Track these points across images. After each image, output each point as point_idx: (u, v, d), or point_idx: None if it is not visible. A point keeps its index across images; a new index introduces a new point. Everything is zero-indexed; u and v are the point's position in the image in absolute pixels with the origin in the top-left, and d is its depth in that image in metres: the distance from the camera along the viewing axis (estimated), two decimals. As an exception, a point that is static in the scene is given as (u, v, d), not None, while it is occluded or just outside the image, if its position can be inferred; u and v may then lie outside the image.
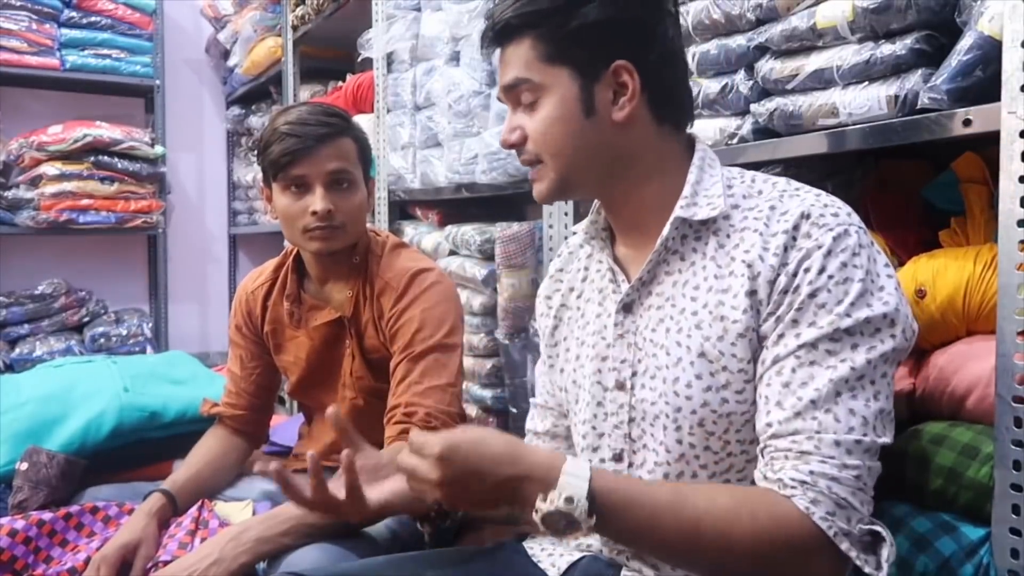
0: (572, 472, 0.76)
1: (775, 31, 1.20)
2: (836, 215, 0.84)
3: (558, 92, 0.91)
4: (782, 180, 0.92)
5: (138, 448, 1.63)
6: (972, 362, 0.98)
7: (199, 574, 1.10)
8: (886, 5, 1.04)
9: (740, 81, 1.29)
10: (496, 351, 1.99)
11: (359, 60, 2.59)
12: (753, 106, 1.27)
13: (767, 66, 1.23)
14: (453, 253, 2.16)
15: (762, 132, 1.27)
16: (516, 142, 0.95)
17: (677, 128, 0.95)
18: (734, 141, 1.31)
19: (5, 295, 3.51)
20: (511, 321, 1.87)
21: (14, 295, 3.51)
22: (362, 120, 2.40)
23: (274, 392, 1.58)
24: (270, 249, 3.47)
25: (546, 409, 1.12)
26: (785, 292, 0.83)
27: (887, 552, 0.79)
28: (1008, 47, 0.89)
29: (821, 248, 0.82)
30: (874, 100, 1.07)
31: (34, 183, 3.39)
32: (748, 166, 1.17)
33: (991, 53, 0.93)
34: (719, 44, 1.32)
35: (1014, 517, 0.88)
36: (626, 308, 0.96)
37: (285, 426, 2.03)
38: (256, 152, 1.39)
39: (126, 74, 3.67)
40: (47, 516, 1.26)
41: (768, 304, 0.84)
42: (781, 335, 0.83)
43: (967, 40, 0.96)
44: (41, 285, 3.55)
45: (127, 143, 3.50)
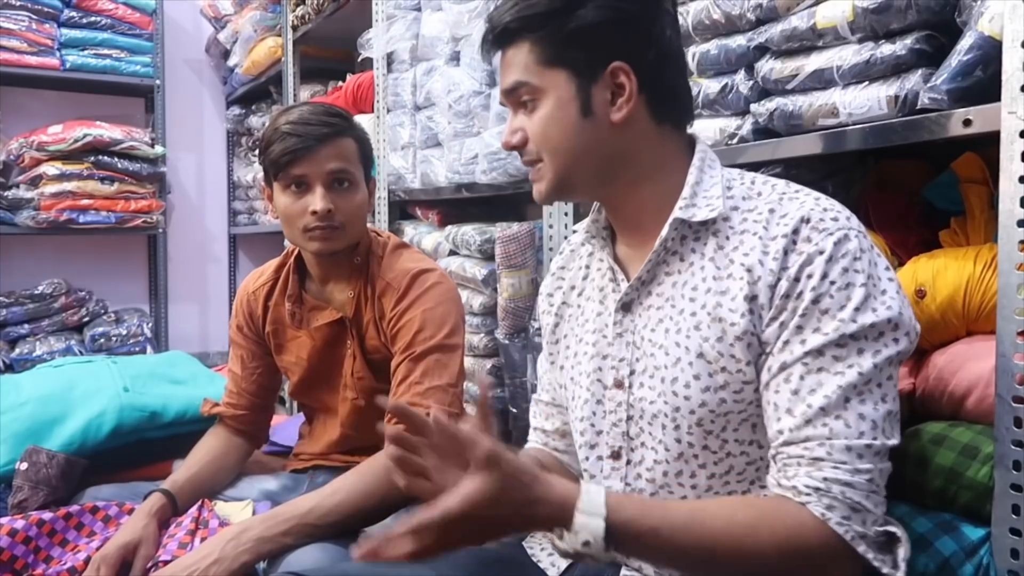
0: (587, 510, 0.76)
1: (775, 31, 1.20)
2: (836, 219, 0.84)
3: (556, 94, 0.91)
4: (781, 182, 0.92)
5: (138, 448, 1.63)
6: (972, 362, 0.98)
7: (199, 574, 1.09)
8: (886, 5, 1.04)
9: (740, 81, 1.29)
10: (496, 351, 1.99)
11: (359, 60, 2.59)
12: (753, 106, 1.27)
13: (767, 66, 1.23)
14: (453, 253, 2.16)
15: (762, 132, 1.27)
16: (517, 144, 0.95)
17: (677, 128, 0.95)
18: (734, 141, 1.31)
19: (5, 295, 3.50)
20: (511, 321, 1.87)
21: (14, 295, 3.51)
22: (362, 120, 2.40)
23: (275, 392, 1.58)
24: (270, 249, 3.47)
25: (553, 406, 1.12)
26: (787, 297, 0.83)
27: (903, 551, 0.80)
28: (1008, 47, 0.89)
29: (823, 253, 0.82)
30: (874, 100, 1.07)
31: (34, 183, 3.39)
32: (748, 166, 1.18)
33: (991, 53, 0.93)
34: (719, 44, 1.32)
35: (1014, 517, 0.88)
36: (625, 307, 0.96)
37: (285, 426, 2.03)
38: (257, 151, 1.40)
39: (126, 74, 3.67)
40: (47, 516, 1.26)
41: (770, 309, 0.84)
42: (786, 342, 0.83)
43: (967, 40, 0.96)
44: (41, 285, 3.55)
45: (127, 143, 3.50)
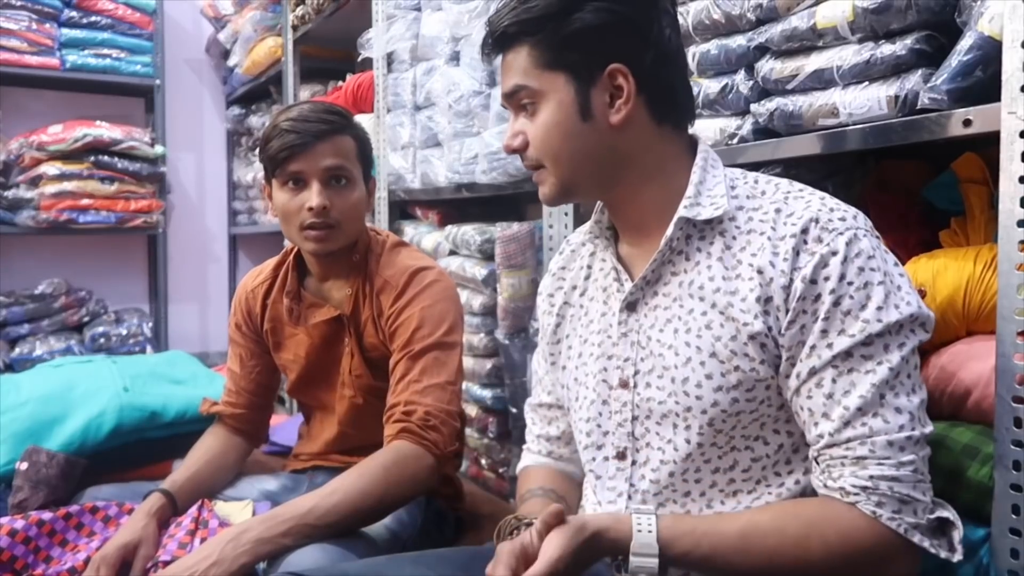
0: (640, 551, 0.80)
1: (775, 31, 1.20)
2: (843, 219, 0.85)
3: (555, 97, 0.91)
4: (784, 181, 0.93)
5: (138, 448, 1.63)
6: (972, 362, 0.98)
7: (199, 575, 1.09)
8: (886, 5, 1.04)
9: (740, 81, 1.29)
10: (496, 351, 1.99)
11: (359, 60, 2.59)
12: (753, 106, 1.26)
13: (767, 66, 1.22)
14: (453, 253, 2.16)
15: (762, 132, 1.27)
16: (519, 147, 0.96)
17: (677, 128, 0.95)
18: (734, 141, 1.31)
19: (5, 295, 3.50)
20: (511, 321, 1.87)
21: (14, 295, 3.51)
22: (362, 120, 2.40)
23: (274, 391, 1.58)
24: (270, 249, 3.46)
25: (556, 408, 1.12)
26: (804, 299, 0.83)
27: (957, 534, 0.81)
28: (1008, 47, 0.89)
29: (836, 254, 0.83)
30: (874, 100, 1.07)
31: (34, 183, 3.39)
32: (748, 166, 1.18)
33: (991, 53, 0.93)
34: (719, 44, 1.32)
35: (1014, 517, 0.88)
36: (630, 307, 0.96)
37: (285, 426, 2.03)
38: (258, 150, 1.40)
39: (126, 74, 3.67)
40: (47, 516, 1.26)
41: (787, 312, 0.84)
42: (813, 346, 0.83)
43: (967, 40, 0.96)
44: (41, 285, 3.55)
45: (127, 143, 3.50)
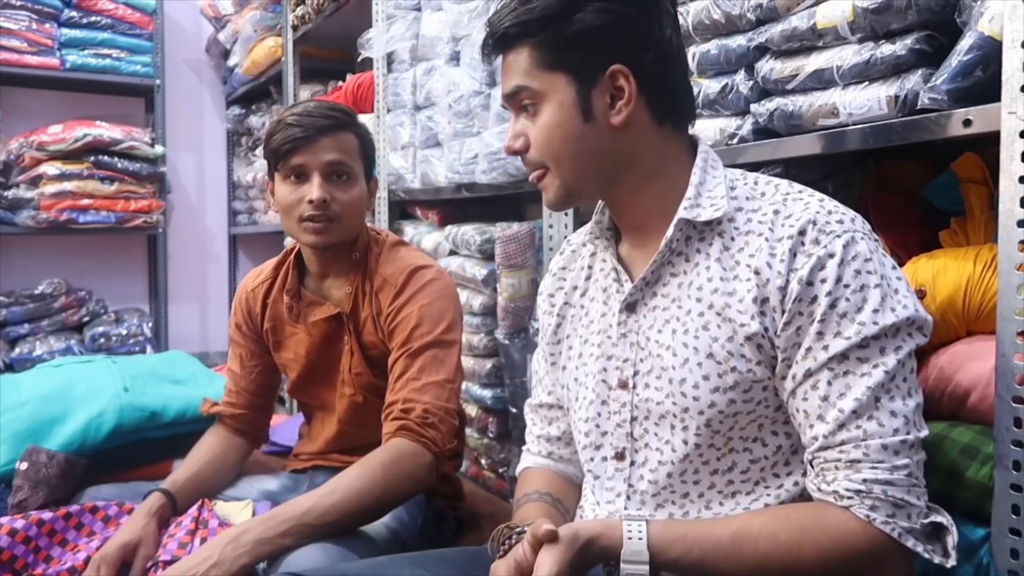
0: (631, 558, 0.80)
1: (775, 31, 1.20)
2: (841, 221, 0.85)
3: (557, 98, 0.91)
4: (784, 182, 0.92)
5: (138, 448, 1.63)
6: (972, 362, 0.98)
7: None
8: (886, 5, 1.04)
9: (740, 81, 1.29)
10: (496, 351, 1.99)
11: (359, 60, 2.59)
12: (753, 106, 1.26)
13: (767, 66, 1.22)
14: (453, 253, 2.16)
15: (762, 132, 1.27)
16: (520, 149, 0.96)
17: (678, 129, 0.95)
18: (734, 141, 1.31)
19: (5, 295, 3.50)
20: (511, 321, 1.87)
21: (14, 295, 3.51)
22: (362, 120, 2.39)
23: (274, 391, 1.58)
24: (270, 249, 3.46)
25: (556, 408, 1.12)
26: (800, 301, 0.83)
27: (952, 539, 0.81)
28: (1008, 47, 0.89)
29: (833, 257, 0.82)
30: (874, 100, 1.07)
31: (34, 183, 3.39)
32: (748, 166, 1.18)
33: (991, 53, 0.93)
34: (719, 44, 1.32)
35: (1014, 517, 0.88)
36: (629, 308, 0.96)
37: (285, 426, 2.03)
38: (261, 146, 1.41)
39: (126, 74, 3.67)
40: (47, 515, 1.26)
41: (782, 313, 0.84)
42: (809, 348, 0.83)
43: (967, 40, 0.96)
44: (41, 285, 3.54)
45: (127, 143, 3.50)
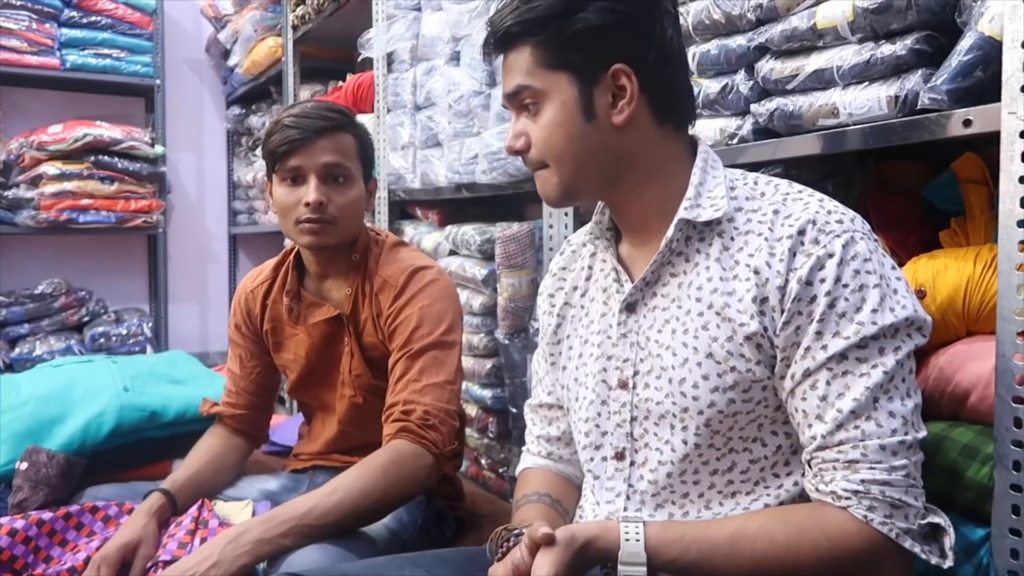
0: (628, 560, 0.80)
1: (775, 31, 1.20)
2: (840, 222, 0.85)
3: (558, 97, 0.91)
4: (784, 182, 0.92)
5: (138, 448, 1.63)
6: (972, 362, 0.98)
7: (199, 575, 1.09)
8: (886, 5, 1.04)
9: (740, 81, 1.29)
10: (496, 351, 1.99)
11: (359, 60, 2.59)
12: (753, 106, 1.26)
13: (767, 66, 1.22)
14: (453, 253, 2.16)
15: (762, 132, 1.27)
16: (521, 148, 0.95)
17: (678, 129, 0.95)
18: (734, 141, 1.31)
19: (5, 295, 3.50)
20: (511, 321, 1.87)
21: (14, 295, 3.51)
22: (362, 120, 2.39)
23: (274, 391, 1.58)
24: (270, 249, 3.47)
25: (556, 408, 1.12)
26: (799, 301, 0.83)
27: (949, 540, 0.81)
28: (1008, 47, 0.89)
29: (833, 256, 0.82)
30: (874, 100, 1.07)
31: (34, 183, 3.39)
32: (748, 166, 1.18)
33: (991, 53, 0.93)
34: (719, 44, 1.32)
35: (1014, 517, 0.88)
36: (629, 308, 0.96)
37: (285, 426, 2.03)
38: (260, 147, 1.41)
39: (126, 74, 3.67)
40: (47, 516, 1.26)
41: (782, 312, 0.84)
42: (808, 348, 0.83)
43: (967, 40, 0.96)
44: (41, 285, 3.54)
45: (127, 143, 3.50)
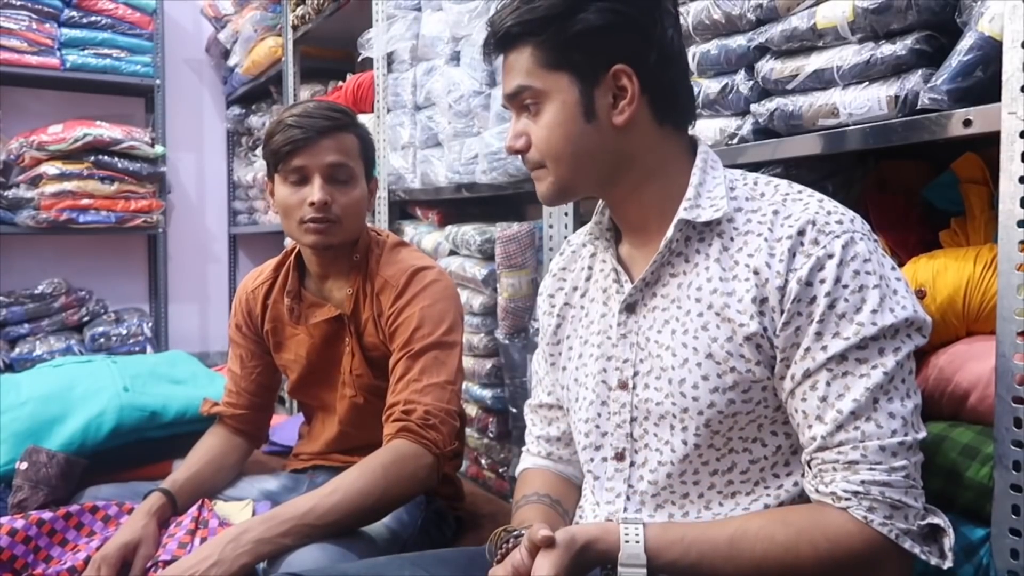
0: (628, 562, 0.80)
1: (775, 31, 1.20)
2: (840, 222, 0.85)
3: (559, 98, 0.91)
4: (783, 183, 0.92)
5: (138, 448, 1.63)
6: (972, 362, 0.98)
7: (199, 575, 1.09)
8: (886, 5, 1.04)
9: (740, 81, 1.29)
10: (496, 351, 1.99)
11: (359, 60, 2.59)
12: (753, 106, 1.26)
13: (767, 66, 1.22)
14: (453, 253, 2.16)
15: (762, 132, 1.27)
16: (521, 148, 0.95)
17: (678, 129, 0.95)
18: (734, 141, 1.31)
19: (5, 295, 3.50)
20: (511, 321, 1.87)
21: (14, 295, 3.51)
22: (362, 120, 2.39)
23: (274, 391, 1.58)
24: (270, 249, 3.47)
25: (556, 408, 1.12)
26: (799, 301, 0.83)
27: (948, 541, 0.81)
28: (1008, 48, 0.89)
29: (832, 257, 0.82)
30: (874, 100, 1.07)
31: (34, 183, 3.39)
32: (748, 166, 1.18)
33: (991, 54, 0.93)
34: (719, 44, 1.32)
35: (1014, 517, 0.88)
36: (629, 308, 0.96)
37: (285, 426, 2.03)
38: (261, 146, 1.41)
39: (126, 74, 3.67)
40: (47, 515, 1.26)
41: (781, 313, 0.84)
42: (807, 348, 0.83)
43: (967, 40, 0.96)
44: (41, 285, 3.54)
45: (127, 143, 3.50)
